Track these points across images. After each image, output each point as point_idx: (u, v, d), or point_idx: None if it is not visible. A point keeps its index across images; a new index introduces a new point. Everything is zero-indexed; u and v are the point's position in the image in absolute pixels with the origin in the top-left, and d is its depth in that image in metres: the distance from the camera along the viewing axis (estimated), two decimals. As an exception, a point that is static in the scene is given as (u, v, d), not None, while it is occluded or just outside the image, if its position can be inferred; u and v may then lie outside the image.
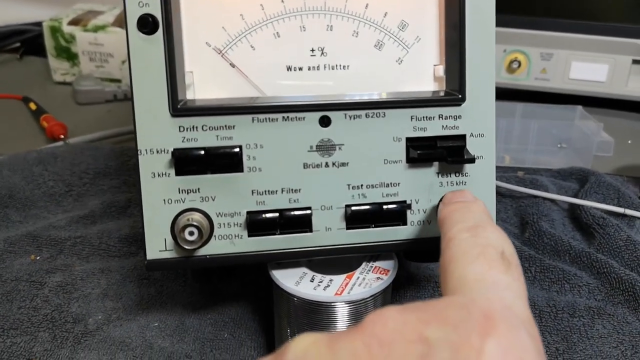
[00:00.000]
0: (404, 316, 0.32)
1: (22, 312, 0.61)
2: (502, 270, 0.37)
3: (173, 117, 0.48)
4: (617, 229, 0.73)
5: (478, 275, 0.37)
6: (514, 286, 0.36)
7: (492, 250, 0.38)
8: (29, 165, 0.84)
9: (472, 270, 0.37)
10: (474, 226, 0.41)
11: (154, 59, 0.48)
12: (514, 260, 0.39)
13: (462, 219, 0.43)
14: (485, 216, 0.44)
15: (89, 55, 1.18)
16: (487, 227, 0.41)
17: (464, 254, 0.39)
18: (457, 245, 0.40)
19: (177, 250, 0.50)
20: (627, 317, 0.62)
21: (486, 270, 0.37)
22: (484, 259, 0.38)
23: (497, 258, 0.38)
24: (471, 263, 0.38)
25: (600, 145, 0.91)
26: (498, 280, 0.36)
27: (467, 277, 0.37)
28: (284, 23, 0.51)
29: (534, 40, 1.12)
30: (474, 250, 0.39)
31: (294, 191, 0.51)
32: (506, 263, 0.38)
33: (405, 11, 0.53)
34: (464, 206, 0.45)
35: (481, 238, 0.40)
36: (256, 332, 0.61)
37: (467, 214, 0.44)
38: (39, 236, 0.72)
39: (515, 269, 0.38)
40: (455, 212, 0.44)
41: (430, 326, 0.31)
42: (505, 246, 0.39)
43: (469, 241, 0.40)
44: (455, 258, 0.39)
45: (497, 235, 0.41)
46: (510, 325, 0.32)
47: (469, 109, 0.52)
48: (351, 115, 0.50)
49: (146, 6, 0.47)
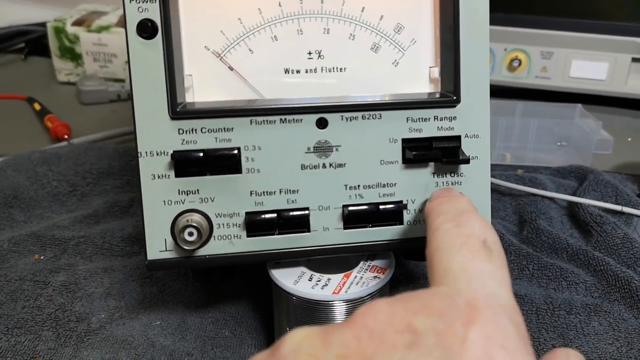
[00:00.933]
0: (393, 307, 0.33)
1: (26, 311, 0.61)
2: (485, 259, 0.38)
3: (172, 120, 0.49)
4: (614, 227, 0.74)
5: (461, 265, 0.38)
6: (496, 274, 0.37)
7: (474, 240, 0.39)
8: (33, 165, 0.85)
9: (456, 261, 0.38)
10: (457, 215, 0.42)
11: (153, 63, 0.49)
12: (495, 247, 0.40)
13: (446, 210, 0.44)
14: (468, 206, 0.45)
15: (92, 55, 1.19)
16: (470, 215, 0.42)
17: (448, 244, 0.40)
18: (441, 236, 0.41)
19: (177, 250, 0.50)
20: (623, 314, 0.63)
21: (469, 260, 0.38)
22: (467, 249, 0.39)
23: (479, 247, 0.39)
24: (455, 253, 0.39)
25: (600, 143, 0.91)
26: (481, 269, 0.37)
27: (452, 268, 0.38)
28: (281, 26, 0.52)
29: (534, 39, 1.12)
30: (457, 241, 0.40)
31: (292, 192, 0.51)
32: (488, 251, 0.39)
33: (401, 14, 0.53)
34: (448, 200, 0.46)
35: (464, 228, 0.41)
36: (256, 330, 0.61)
37: (452, 205, 0.45)
38: (43, 236, 0.72)
39: (498, 256, 0.39)
40: (440, 204, 0.46)
41: (417, 316, 0.32)
42: (488, 235, 0.40)
43: (453, 232, 0.41)
44: (439, 249, 0.40)
45: (480, 224, 0.42)
46: (493, 313, 0.33)
47: (463, 110, 0.52)
48: (348, 117, 0.51)
49: (145, 11, 0.48)
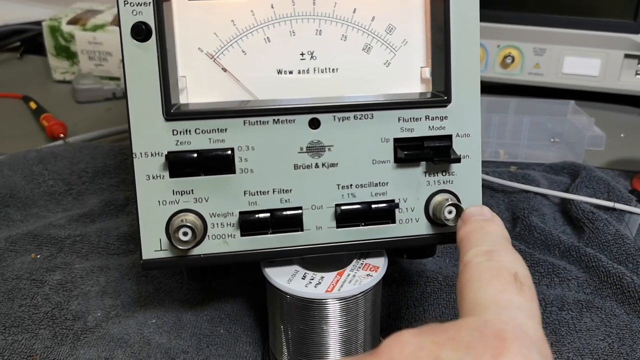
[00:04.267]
0: (420, 340, 0.33)
1: (23, 310, 0.62)
2: (515, 292, 0.38)
3: (167, 121, 0.50)
4: (606, 223, 0.74)
5: (491, 297, 0.38)
6: (526, 307, 0.37)
7: (505, 273, 0.39)
8: (29, 164, 0.85)
9: (486, 292, 0.38)
10: (489, 250, 0.42)
11: (147, 65, 0.49)
12: (527, 281, 0.39)
13: (477, 242, 0.43)
14: (500, 238, 0.44)
15: (88, 54, 1.20)
16: (502, 250, 0.42)
17: (478, 277, 0.40)
18: (472, 269, 0.41)
19: (172, 250, 0.51)
20: (615, 310, 0.63)
21: (499, 292, 0.38)
22: (498, 281, 0.39)
23: (510, 280, 0.39)
24: (485, 285, 0.39)
25: (592, 139, 0.92)
26: (511, 301, 0.37)
27: (481, 299, 0.38)
28: (274, 28, 0.52)
29: (527, 36, 1.13)
30: (488, 273, 0.40)
31: (285, 191, 0.52)
32: (519, 285, 0.39)
33: (393, 15, 0.54)
34: (480, 227, 0.46)
35: (495, 261, 0.41)
36: (251, 327, 0.62)
37: (484, 236, 0.44)
38: (39, 235, 0.73)
39: (528, 290, 0.39)
40: (472, 233, 0.45)
41: (444, 349, 0.32)
42: (519, 268, 0.40)
43: (484, 265, 0.41)
44: (470, 281, 0.40)
45: (511, 258, 0.41)
46: (521, 345, 0.33)
47: (454, 109, 0.53)
48: (340, 117, 0.52)
49: (139, 14, 0.48)
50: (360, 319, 0.53)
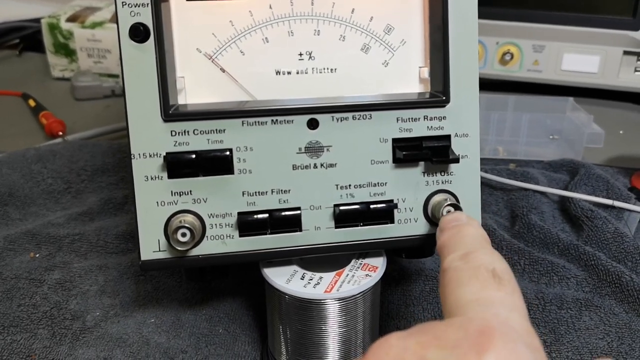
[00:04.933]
0: (405, 342, 0.33)
1: (21, 309, 0.62)
2: (495, 288, 0.38)
3: (165, 122, 0.50)
4: (605, 221, 0.74)
5: (472, 295, 0.38)
6: (508, 301, 0.38)
7: (483, 271, 0.40)
8: (28, 163, 0.85)
9: (467, 292, 0.39)
10: (466, 253, 0.42)
11: (146, 66, 0.49)
12: (505, 275, 0.40)
13: (454, 248, 0.44)
14: (476, 240, 0.45)
15: (87, 51, 1.19)
16: (478, 251, 0.42)
17: (457, 279, 0.40)
18: (451, 274, 0.41)
19: (171, 250, 0.51)
20: (614, 309, 0.63)
21: (479, 290, 0.38)
22: (476, 280, 0.39)
23: (488, 277, 0.39)
24: (465, 285, 0.39)
25: (591, 136, 0.92)
26: (492, 297, 0.38)
27: (463, 299, 0.38)
28: (272, 28, 0.52)
29: (526, 33, 1.13)
30: (466, 274, 0.40)
31: (284, 192, 0.52)
32: (497, 280, 0.39)
33: (391, 15, 0.54)
34: (456, 232, 0.46)
35: (472, 262, 0.41)
36: (250, 327, 0.62)
37: (459, 241, 0.45)
38: (38, 234, 0.73)
39: (508, 284, 0.39)
40: (449, 239, 0.45)
41: (430, 349, 0.32)
42: (496, 264, 0.40)
43: (461, 267, 0.41)
44: (450, 284, 0.40)
45: (488, 256, 0.42)
46: (507, 339, 0.33)
47: (453, 109, 0.53)
48: (338, 117, 0.52)
49: (138, 15, 0.48)
50: (359, 319, 0.53)
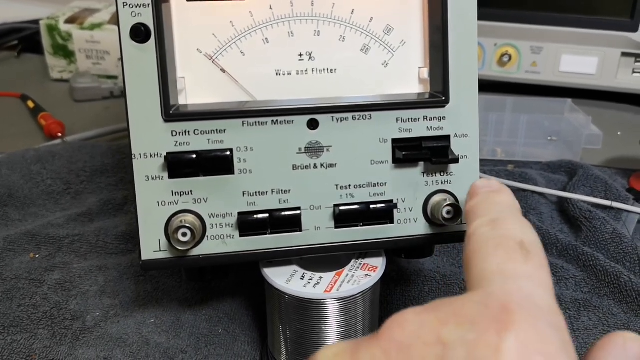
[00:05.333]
0: (422, 317, 0.32)
1: (22, 309, 0.62)
2: (521, 261, 0.36)
3: (166, 122, 0.50)
4: (604, 222, 0.75)
5: (497, 267, 0.35)
6: (534, 275, 0.35)
7: (510, 242, 0.37)
8: (27, 164, 0.85)
9: (491, 263, 0.36)
10: (494, 219, 0.40)
11: (146, 67, 0.49)
12: (534, 249, 0.37)
13: (482, 213, 0.41)
14: (508, 208, 0.42)
15: (85, 52, 1.19)
16: (508, 219, 0.40)
17: (482, 247, 0.38)
18: (476, 240, 0.39)
19: (171, 250, 0.51)
20: (613, 309, 0.64)
21: (505, 262, 0.36)
22: (503, 251, 0.37)
23: (516, 248, 0.36)
24: (490, 255, 0.37)
25: (589, 138, 0.92)
26: (517, 270, 0.35)
27: (486, 270, 0.36)
28: (272, 29, 0.53)
29: (524, 34, 1.13)
30: (492, 243, 0.37)
31: (284, 192, 0.52)
32: (525, 252, 0.36)
33: (391, 16, 0.54)
34: (486, 198, 0.43)
35: (500, 230, 0.39)
36: (250, 327, 0.62)
37: (489, 207, 0.42)
38: (37, 234, 0.73)
39: (536, 257, 0.36)
40: (478, 205, 0.43)
41: (447, 326, 0.31)
42: (525, 236, 0.38)
43: (488, 234, 0.38)
44: (474, 252, 0.38)
45: (517, 225, 0.39)
46: (529, 316, 0.31)
47: (453, 110, 0.53)
48: (338, 117, 0.52)
49: (139, 16, 0.48)
50: (358, 319, 0.53)
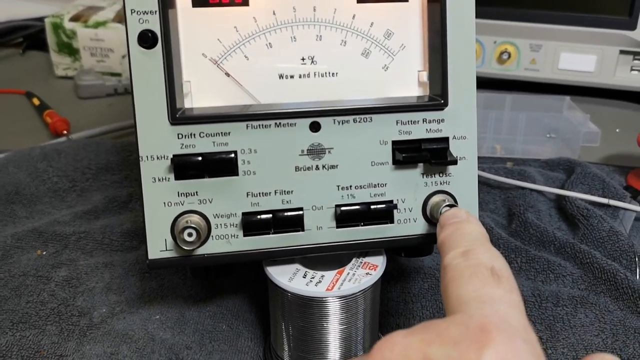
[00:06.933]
0: (409, 339, 0.35)
1: (30, 306, 0.63)
2: (494, 285, 0.40)
3: (172, 125, 0.51)
4: (601, 220, 0.75)
5: (473, 293, 0.40)
6: (506, 298, 0.39)
7: (482, 269, 0.41)
8: (33, 161, 0.86)
9: (467, 289, 0.40)
10: (466, 251, 0.44)
11: (153, 71, 0.50)
12: (504, 273, 0.41)
13: (455, 245, 0.45)
14: (476, 237, 0.46)
15: (90, 50, 1.21)
16: (478, 248, 0.44)
17: (458, 277, 0.41)
18: (452, 271, 0.42)
19: (177, 249, 0.52)
20: (609, 306, 0.64)
21: (480, 288, 0.40)
22: (477, 278, 0.40)
23: (487, 275, 0.41)
24: (466, 283, 0.40)
25: (587, 135, 0.93)
26: (491, 294, 0.39)
27: (464, 297, 0.40)
28: (275, 34, 0.54)
29: (523, 32, 1.14)
30: (466, 272, 0.41)
31: (287, 193, 0.53)
32: (496, 278, 0.40)
33: (391, 21, 0.55)
34: (456, 229, 0.47)
35: (472, 260, 0.42)
36: (253, 323, 0.63)
37: (459, 238, 0.46)
38: (44, 232, 0.74)
39: (507, 281, 0.41)
40: (449, 236, 0.47)
41: (432, 346, 0.34)
42: (495, 262, 0.42)
43: (462, 265, 0.42)
44: (451, 282, 0.41)
45: (487, 253, 0.43)
46: (505, 334, 0.34)
47: (451, 112, 0.54)
48: (340, 120, 0.53)
49: (146, 22, 0.50)
50: (359, 316, 0.54)
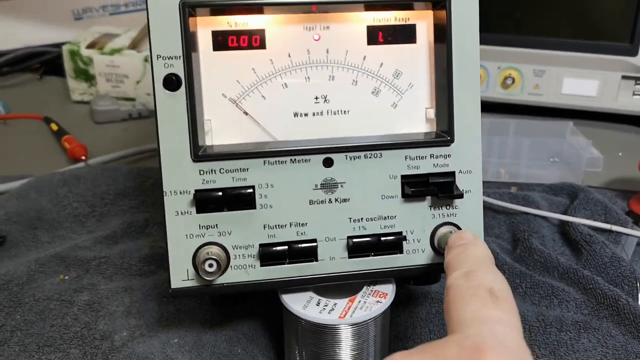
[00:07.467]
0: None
1: (54, 329, 0.66)
2: (492, 307, 0.42)
3: (194, 162, 0.54)
4: (603, 246, 0.77)
5: (472, 313, 0.42)
6: (504, 319, 0.41)
7: (482, 290, 0.43)
8: (54, 187, 0.89)
9: (467, 310, 0.42)
10: (468, 272, 0.46)
11: (177, 112, 0.54)
12: (502, 294, 0.43)
13: (458, 266, 0.47)
14: (480, 259, 0.48)
15: (105, 76, 1.24)
16: (480, 270, 0.46)
17: (459, 297, 0.44)
18: (454, 291, 0.45)
19: (198, 279, 0.55)
20: (611, 331, 0.66)
21: (479, 308, 0.42)
22: (476, 299, 0.43)
23: (486, 296, 0.43)
24: (466, 304, 0.43)
25: (590, 161, 0.95)
26: (489, 315, 0.41)
27: (463, 317, 0.42)
28: (290, 75, 0.57)
29: (527, 58, 1.16)
30: (467, 293, 0.44)
31: (301, 225, 0.56)
32: (494, 299, 0.43)
33: (399, 61, 0.58)
34: (462, 251, 0.50)
35: (473, 281, 0.45)
36: (267, 347, 0.65)
37: (463, 260, 0.48)
38: (66, 257, 0.76)
39: (504, 302, 0.43)
40: (455, 258, 0.49)
41: None
42: (495, 284, 0.44)
43: (463, 285, 0.44)
44: (452, 302, 0.44)
45: (488, 275, 0.45)
46: (499, 354, 0.37)
47: (457, 148, 0.57)
48: (351, 156, 0.56)
49: (171, 67, 0.53)
50: (370, 342, 0.57)
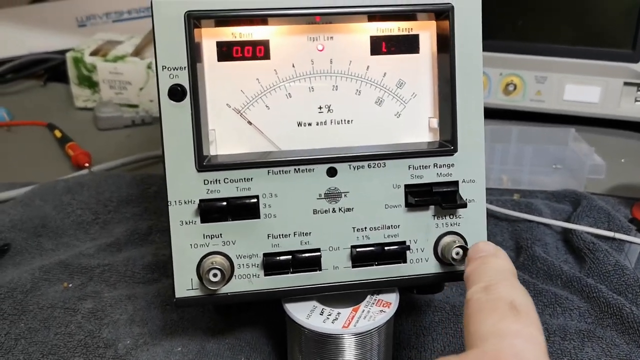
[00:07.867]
0: None
1: (58, 337, 0.66)
2: (512, 320, 0.41)
3: (199, 172, 0.54)
4: (606, 254, 0.76)
5: (491, 327, 0.41)
6: (524, 332, 0.40)
7: (501, 303, 0.42)
8: (58, 194, 0.89)
9: (486, 324, 0.41)
10: (488, 285, 0.45)
11: (182, 122, 0.54)
12: (524, 308, 0.42)
13: (478, 279, 0.47)
14: (501, 272, 0.47)
15: (109, 83, 1.24)
16: (500, 283, 0.45)
17: (479, 311, 0.43)
18: (473, 305, 0.44)
19: (202, 288, 0.56)
20: (615, 340, 0.66)
21: (498, 322, 0.41)
22: (496, 312, 0.42)
23: (506, 309, 0.42)
24: (485, 317, 0.42)
25: (593, 168, 0.94)
26: (509, 329, 0.41)
27: (482, 331, 0.41)
28: (294, 85, 0.57)
29: (528, 65, 1.16)
30: (486, 306, 0.43)
31: (305, 234, 0.57)
32: (515, 312, 0.42)
33: (403, 71, 0.59)
34: (481, 263, 0.49)
35: (493, 294, 0.44)
36: (270, 355, 0.65)
37: (483, 272, 0.47)
38: (70, 264, 0.77)
39: (526, 316, 0.42)
40: (475, 270, 0.48)
41: None
42: (516, 297, 0.43)
43: (483, 299, 0.44)
44: (472, 316, 0.43)
45: (509, 288, 0.44)
46: None
47: (461, 157, 0.57)
48: (355, 166, 0.56)
49: (176, 77, 0.53)
50: (374, 352, 0.57)
